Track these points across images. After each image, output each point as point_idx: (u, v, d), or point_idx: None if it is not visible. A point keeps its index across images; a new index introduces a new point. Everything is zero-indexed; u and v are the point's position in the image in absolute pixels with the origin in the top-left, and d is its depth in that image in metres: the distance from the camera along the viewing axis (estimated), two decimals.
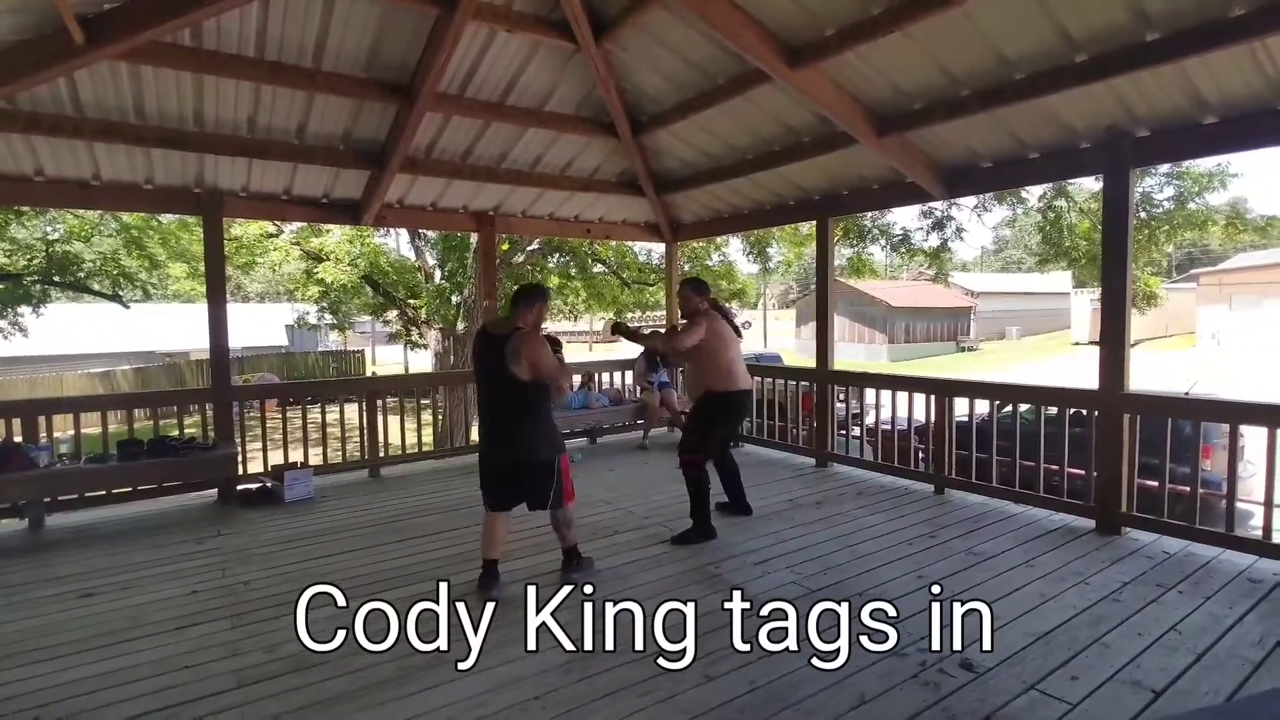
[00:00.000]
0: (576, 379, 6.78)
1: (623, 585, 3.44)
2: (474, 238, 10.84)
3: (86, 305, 27.99)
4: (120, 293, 13.91)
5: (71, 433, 4.93)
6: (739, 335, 4.21)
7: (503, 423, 3.29)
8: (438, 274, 13.86)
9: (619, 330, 4.14)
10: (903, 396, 5.31)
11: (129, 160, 4.59)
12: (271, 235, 12.75)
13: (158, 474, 4.65)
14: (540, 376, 3.26)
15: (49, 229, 12.61)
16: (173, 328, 26.13)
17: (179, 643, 2.94)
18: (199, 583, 3.56)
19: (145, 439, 4.73)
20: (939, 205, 10.81)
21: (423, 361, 22.28)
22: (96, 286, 13.55)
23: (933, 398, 5.03)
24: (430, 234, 13.84)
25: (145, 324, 25.43)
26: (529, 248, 13.21)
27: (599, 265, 14.34)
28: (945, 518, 4.43)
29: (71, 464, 4.40)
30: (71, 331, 23.69)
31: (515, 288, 3.51)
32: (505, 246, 12.36)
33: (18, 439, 4.53)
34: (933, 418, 5.04)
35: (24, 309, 13.04)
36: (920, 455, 6.34)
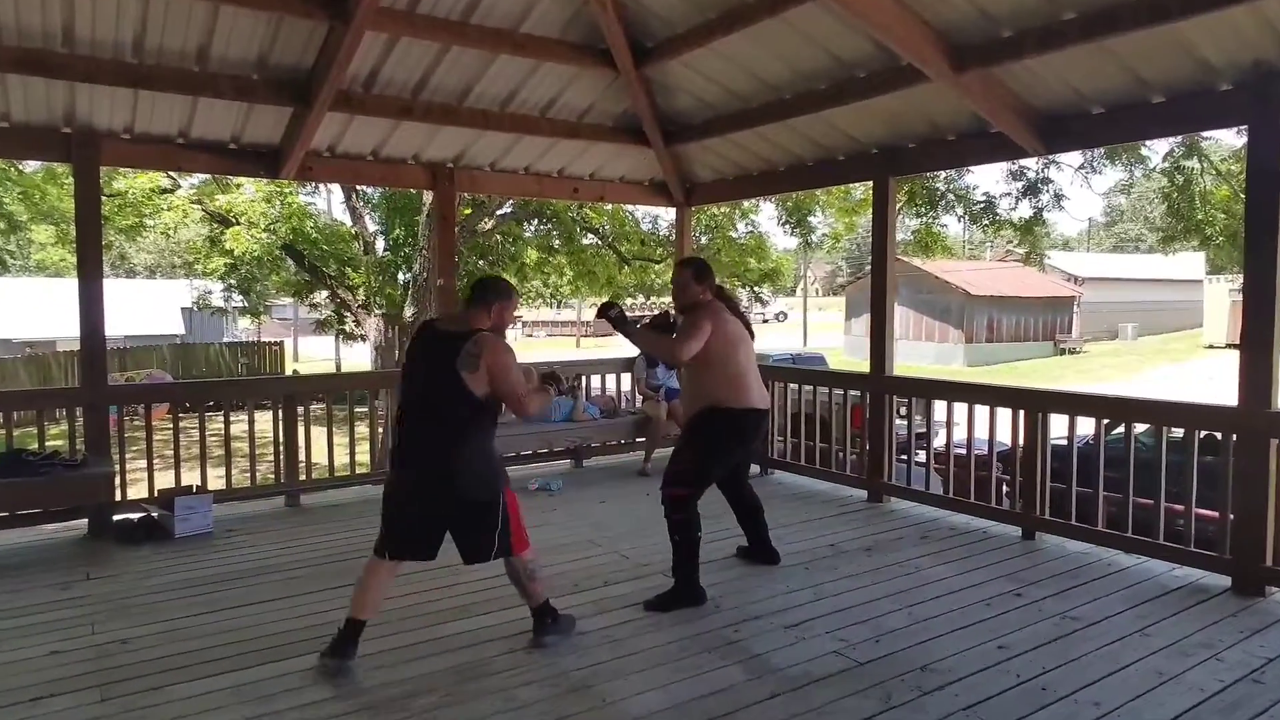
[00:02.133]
0: (558, 401, 6.75)
1: (614, 653, 3.44)
2: (427, 197, 10.84)
3: None
4: None
5: None
6: (750, 334, 4.18)
7: (436, 444, 3.24)
8: (380, 244, 13.90)
9: (609, 316, 4.07)
10: (982, 412, 5.30)
11: None
12: (165, 191, 12.80)
13: (10, 498, 4.65)
14: (499, 394, 3.25)
15: None
16: (36, 309, 26.19)
17: (38, 717, 2.92)
18: (61, 641, 3.54)
19: None
20: (1033, 163, 10.81)
21: (359, 357, 22.32)
22: None
23: (1022, 414, 5.02)
24: (371, 192, 13.86)
25: (1, 303, 25.51)
26: (499, 211, 13.24)
27: (590, 235, 14.36)
28: (1035, 571, 4.41)
29: None
30: None
31: (475, 280, 3.52)
32: (468, 210, 12.37)
33: None
34: (1021, 440, 5.03)
35: None
36: (1004, 489, 6.33)
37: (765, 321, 48.96)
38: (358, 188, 13.78)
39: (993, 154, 5.27)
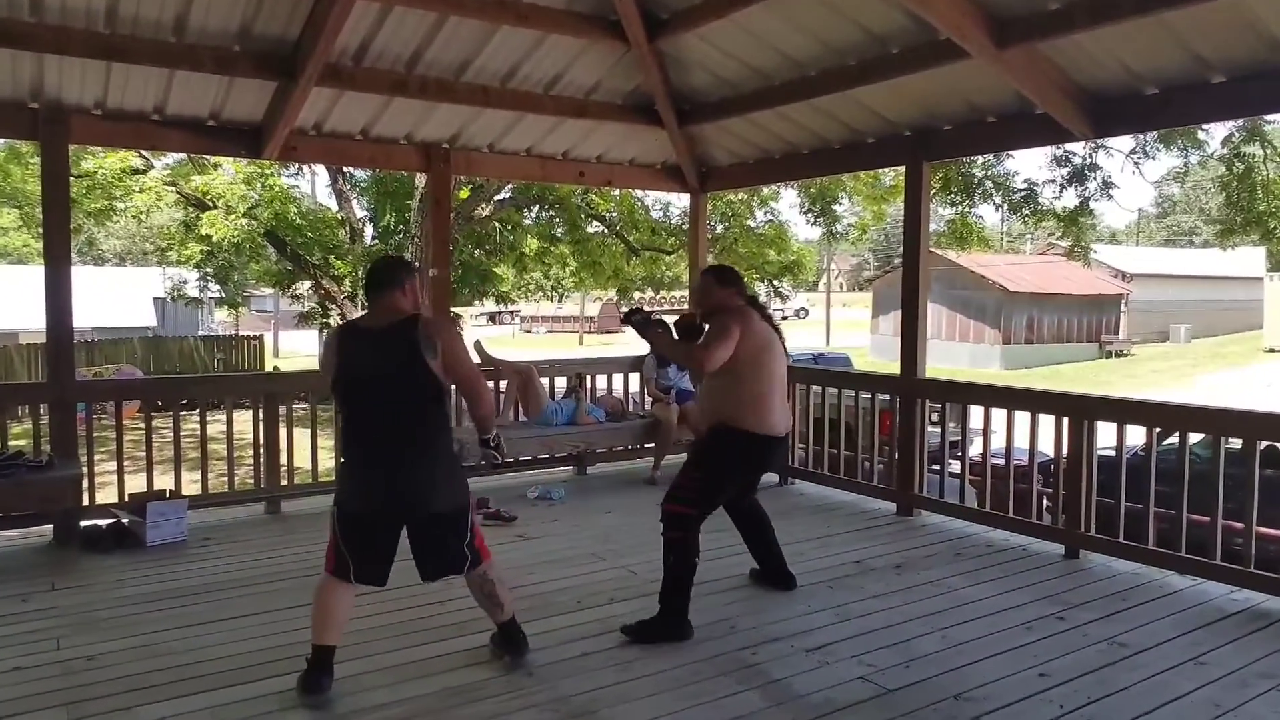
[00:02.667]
0: (560, 403, 6.75)
1: (620, 676, 3.44)
2: (420, 180, 10.86)
3: None
4: None
5: None
6: (784, 349, 4.12)
7: (401, 449, 3.20)
8: (368, 231, 13.93)
9: (632, 322, 4.09)
10: (1022, 419, 5.27)
11: None
12: (138, 172, 12.86)
13: None
14: (459, 379, 3.28)
15: None
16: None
17: None
18: (23, 656, 3.56)
19: None
20: (1079, 148, 10.76)
21: None
22: None
23: (1066, 421, 5.01)
24: (359, 174, 13.89)
25: None
26: (497, 197, 13.25)
27: (595, 223, 14.37)
28: (1079, 592, 4.40)
29: None
30: None
31: (371, 267, 3.51)
32: (465, 194, 12.39)
33: None
34: (1065, 450, 5.01)
35: None
36: (1045, 503, 6.31)
37: (785, 318, 48.90)
38: (344, 170, 13.83)
39: (1036, 137, 5.26)
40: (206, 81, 5.17)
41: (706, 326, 4.06)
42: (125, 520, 5.16)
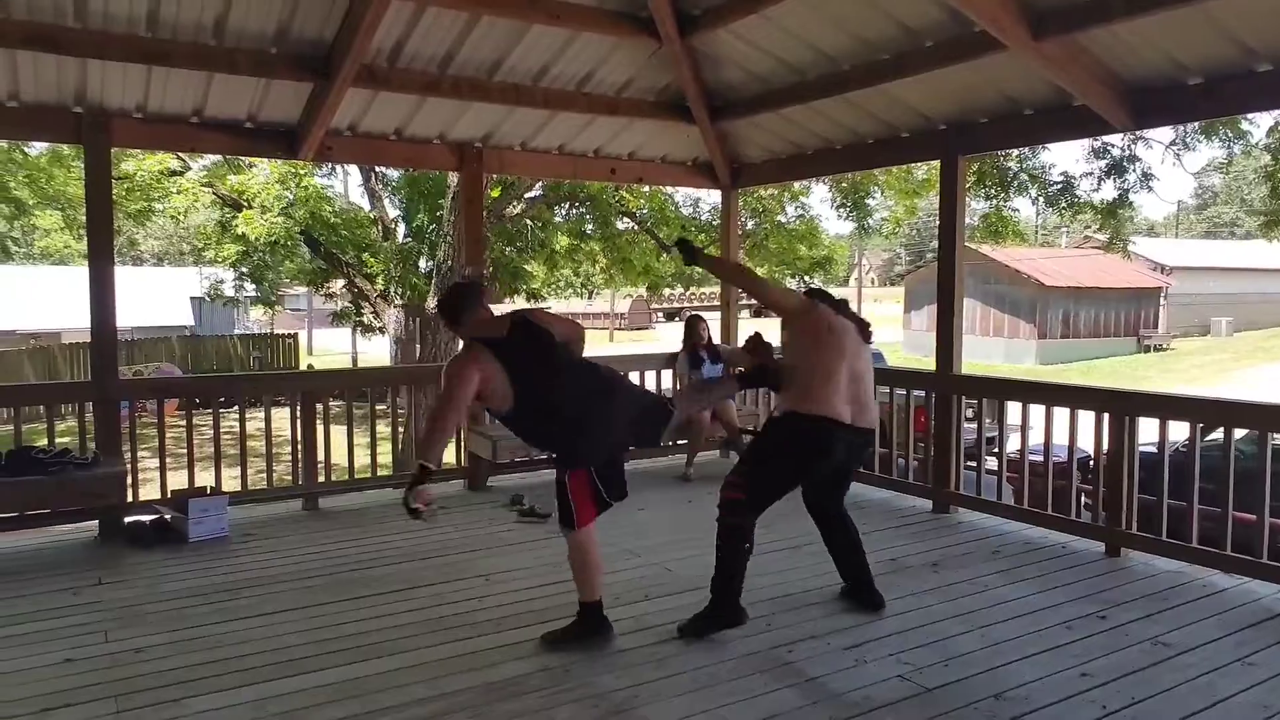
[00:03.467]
0: None
1: (658, 673, 3.45)
2: (453, 179, 10.94)
3: None
4: None
5: None
6: (866, 336, 3.95)
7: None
8: (400, 229, 14.05)
9: (758, 356, 4.12)
10: (1061, 415, 5.22)
11: None
12: (175, 173, 13.06)
13: (19, 499, 4.80)
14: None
15: None
16: (41, 298, 26.90)
17: None
18: (74, 649, 3.64)
19: (3, 450, 4.88)
20: (1117, 139, 10.59)
21: (378, 351, 22.62)
22: None
23: (1106, 417, 4.95)
24: (390, 173, 14.02)
25: (3, 293, 26.25)
26: (528, 195, 13.31)
27: (625, 220, 14.38)
28: (1121, 591, 4.35)
29: None
30: None
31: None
32: (496, 193, 12.45)
33: None
34: (1105, 446, 4.95)
35: None
36: (1084, 500, 6.23)
37: None
38: (377, 169, 13.95)
39: (1074, 130, 5.19)
40: (244, 84, 5.25)
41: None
42: (168, 516, 5.26)
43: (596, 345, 30.89)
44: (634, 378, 7.45)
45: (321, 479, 6.10)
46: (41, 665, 3.51)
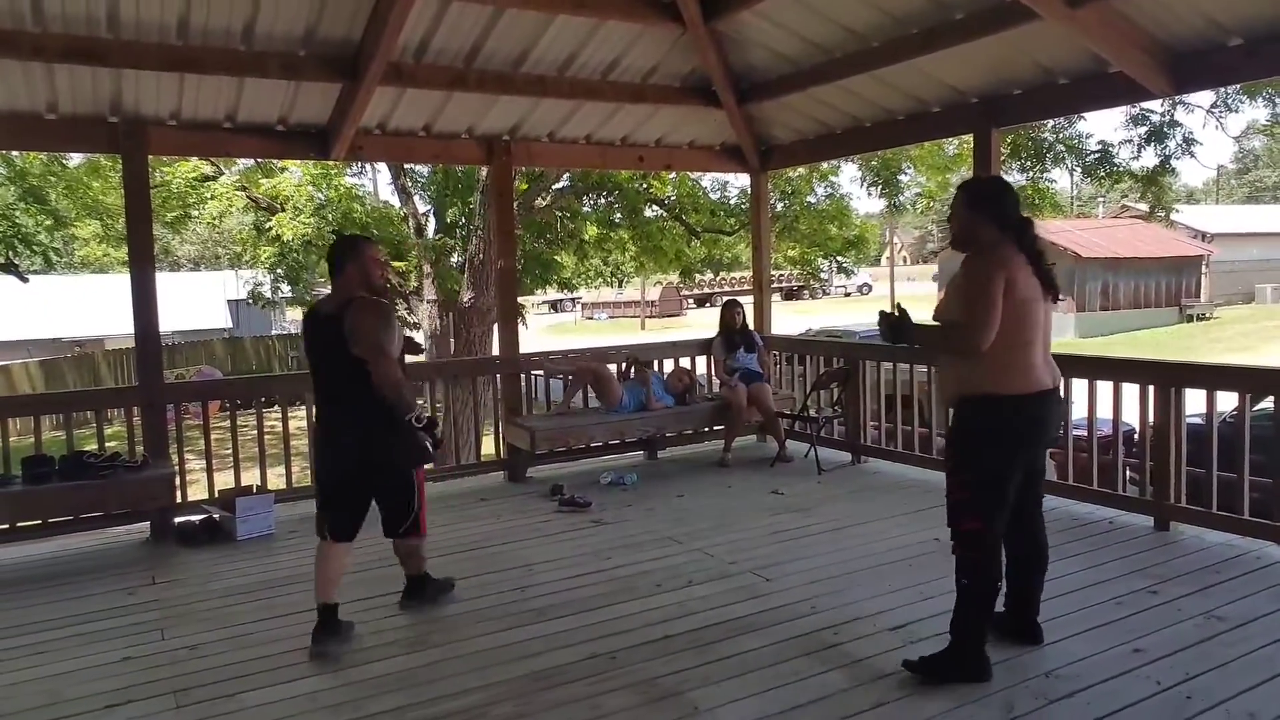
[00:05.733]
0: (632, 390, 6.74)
1: (703, 658, 3.46)
2: (482, 174, 10.99)
3: None
4: (16, 262, 14.69)
5: None
6: (1052, 293, 3.29)
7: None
8: (431, 225, 14.13)
9: (902, 329, 3.29)
10: (1104, 388, 5.14)
11: (26, 81, 4.82)
12: (209, 179, 13.24)
13: (74, 502, 4.92)
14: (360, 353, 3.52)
15: None
16: (81, 306, 27.48)
17: None
18: (132, 647, 3.74)
19: (56, 455, 5.00)
20: (1156, 105, 10.37)
21: None
22: None
23: (1151, 389, 4.86)
24: (419, 169, 14.09)
25: (47, 302, 26.84)
26: (555, 186, 13.31)
27: (653, 207, 14.34)
28: (1171, 565, 4.29)
29: None
30: None
31: (327, 252, 3.84)
32: (524, 186, 12.48)
33: None
34: (1151, 418, 4.86)
35: None
36: (1129, 474, 6.13)
37: (847, 295, 48.27)
38: (406, 167, 14.04)
39: (1112, 98, 5.09)
40: (274, 87, 5.31)
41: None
42: (216, 516, 5.36)
43: (628, 334, 30.91)
44: (668, 364, 7.49)
45: None
46: (102, 663, 3.60)
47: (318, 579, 3.69)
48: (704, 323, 33.07)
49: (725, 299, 7.74)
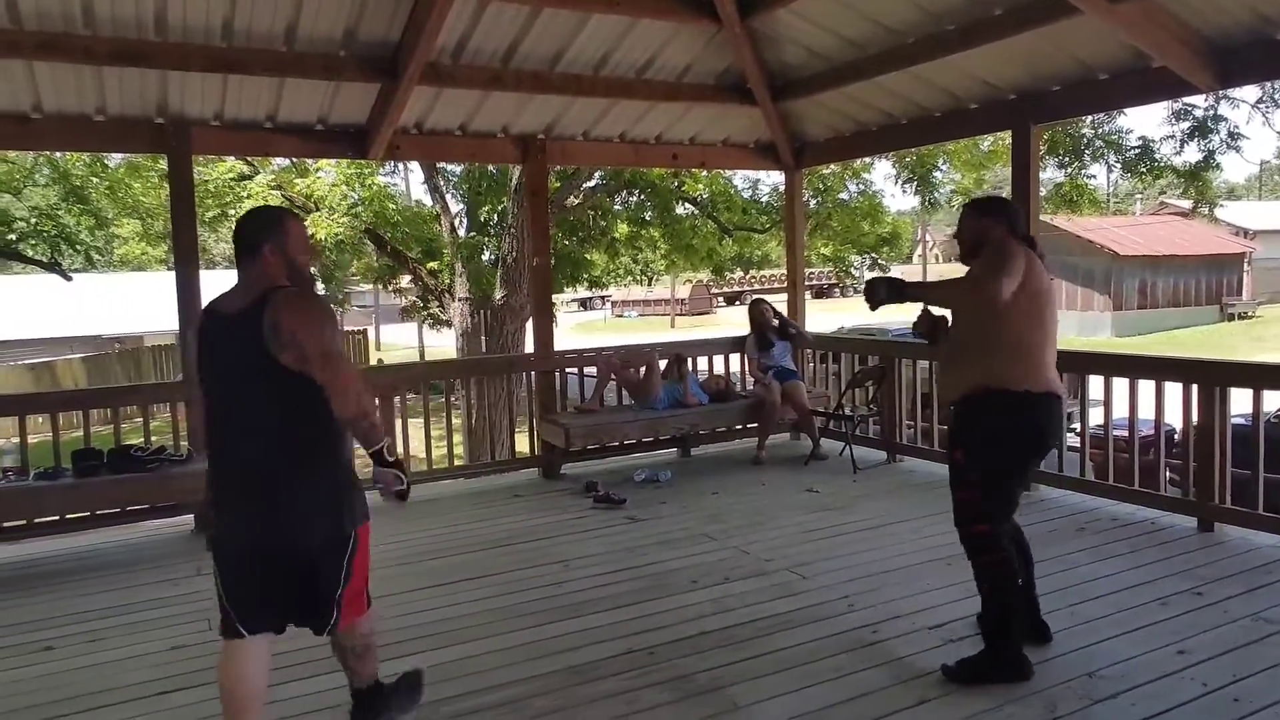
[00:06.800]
0: (643, 369, 6.72)
1: (740, 654, 3.47)
2: (515, 173, 11.06)
3: (13, 277, 30.39)
4: (59, 260, 15.02)
5: (16, 440, 5.37)
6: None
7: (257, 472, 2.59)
8: (462, 224, 14.24)
9: (878, 297, 3.17)
10: (1146, 388, 5.09)
11: (77, 84, 4.94)
12: (245, 178, 13.44)
13: (121, 494, 5.03)
14: (311, 371, 2.50)
15: None
16: (121, 304, 27.95)
17: (161, 713, 3.19)
18: (181, 635, 3.83)
19: (104, 449, 5.11)
20: (1200, 100, 10.19)
21: (445, 344, 22.99)
22: (31, 252, 14.65)
23: (1195, 388, 4.80)
24: (452, 168, 14.21)
25: (89, 299, 27.34)
26: (586, 184, 13.36)
27: (686, 205, 14.35)
28: (1216, 567, 4.23)
29: (17, 480, 4.82)
30: None
31: (235, 228, 2.71)
32: (556, 184, 12.54)
33: None
34: (1195, 418, 4.80)
35: None
36: (1169, 475, 6.05)
37: None
38: (439, 166, 14.16)
39: (1153, 93, 5.03)
40: (314, 87, 5.38)
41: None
42: None
43: (658, 332, 30.94)
44: (701, 362, 7.48)
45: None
46: (153, 652, 3.69)
47: (226, 703, 2.74)
48: (734, 320, 33.00)
49: (752, 298, 7.73)
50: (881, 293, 3.15)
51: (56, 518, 5.18)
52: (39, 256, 14.89)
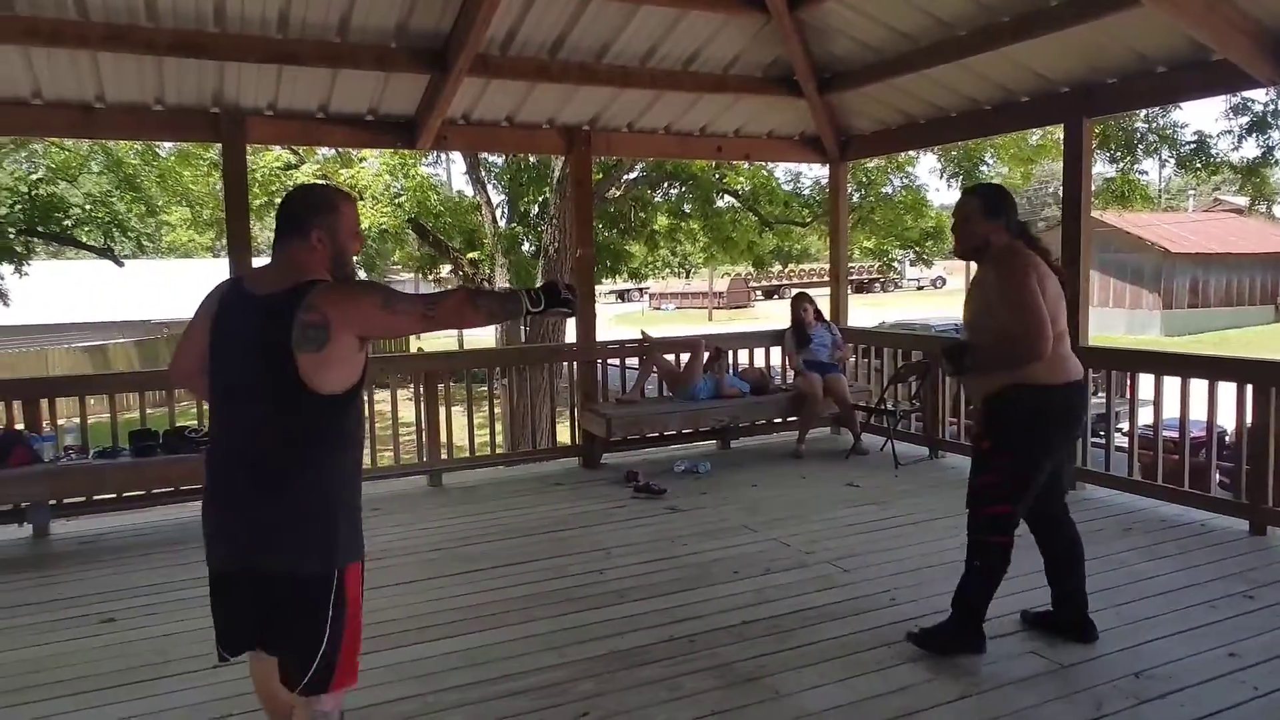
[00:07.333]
0: (685, 358, 6.75)
1: (782, 645, 3.50)
2: (556, 164, 11.13)
3: (68, 262, 31.20)
4: (112, 246, 15.38)
5: (77, 420, 5.55)
6: (1063, 279, 3.41)
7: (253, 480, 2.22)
8: (503, 215, 14.36)
9: (955, 361, 3.37)
10: (1198, 388, 5.01)
11: (138, 74, 5.07)
12: (291, 167, 13.66)
13: (176, 474, 5.18)
14: (384, 329, 2.29)
15: (26, 166, 14.09)
16: (169, 290, 28.57)
17: (217, 685, 3.29)
18: None
19: (159, 430, 5.27)
20: (1260, 95, 9.96)
21: (484, 333, 23.17)
22: (85, 238, 15.02)
23: (1249, 389, 4.72)
24: (494, 160, 14.32)
25: (139, 285, 28.00)
26: (626, 176, 13.40)
27: (727, 198, 14.33)
28: (1269, 570, 4.17)
29: (79, 459, 4.98)
30: (50, 296, 26.41)
31: (281, 204, 2.36)
32: (598, 176, 12.60)
33: (19, 426, 5.18)
34: (1249, 419, 4.72)
35: (3, 267, 14.64)
36: (1219, 478, 5.95)
37: (920, 288, 47.38)
38: (481, 157, 14.29)
39: (1213, 86, 4.96)
40: (366, 78, 5.47)
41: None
42: None
43: (696, 325, 30.89)
44: (742, 356, 7.49)
45: (444, 456, 6.33)
46: (205, 626, 3.72)
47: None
48: (772, 314, 32.85)
49: (795, 292, 7.71)
50: (949, 367, 3.48)
51: (114, 495, 5.35)
52: (92, 243, 15.26)
